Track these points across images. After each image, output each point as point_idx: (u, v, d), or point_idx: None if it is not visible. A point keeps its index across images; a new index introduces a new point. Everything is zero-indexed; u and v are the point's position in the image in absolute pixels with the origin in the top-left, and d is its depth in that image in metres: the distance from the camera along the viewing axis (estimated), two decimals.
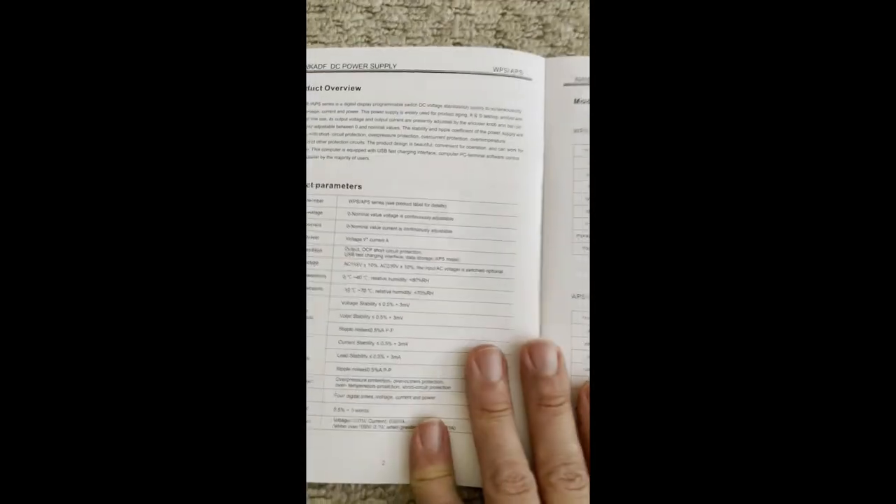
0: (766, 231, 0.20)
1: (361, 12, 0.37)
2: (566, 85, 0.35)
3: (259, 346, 0.21)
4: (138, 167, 0.21)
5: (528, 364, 0.31)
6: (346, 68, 0.35)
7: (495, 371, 0.31)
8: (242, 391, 0.21)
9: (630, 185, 0.22)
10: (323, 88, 0.35)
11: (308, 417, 0.32)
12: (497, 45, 0.36)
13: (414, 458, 0.31)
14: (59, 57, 0.21)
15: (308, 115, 0.34)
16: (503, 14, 0.37)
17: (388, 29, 0.36)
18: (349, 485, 0.32)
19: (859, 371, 0.19)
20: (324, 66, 0.35)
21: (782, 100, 0.21)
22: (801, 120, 0.21)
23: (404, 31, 0.36)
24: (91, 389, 0.20)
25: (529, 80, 0.35)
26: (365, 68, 0.35)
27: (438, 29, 0.36)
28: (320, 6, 0.37)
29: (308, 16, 0.36)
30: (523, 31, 0.36)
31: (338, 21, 0.37)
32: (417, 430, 0.31)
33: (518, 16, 0.37)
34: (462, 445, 0.32)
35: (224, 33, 0.22)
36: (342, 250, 0.33)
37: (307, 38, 0.36)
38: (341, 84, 0.35)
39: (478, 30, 0.36)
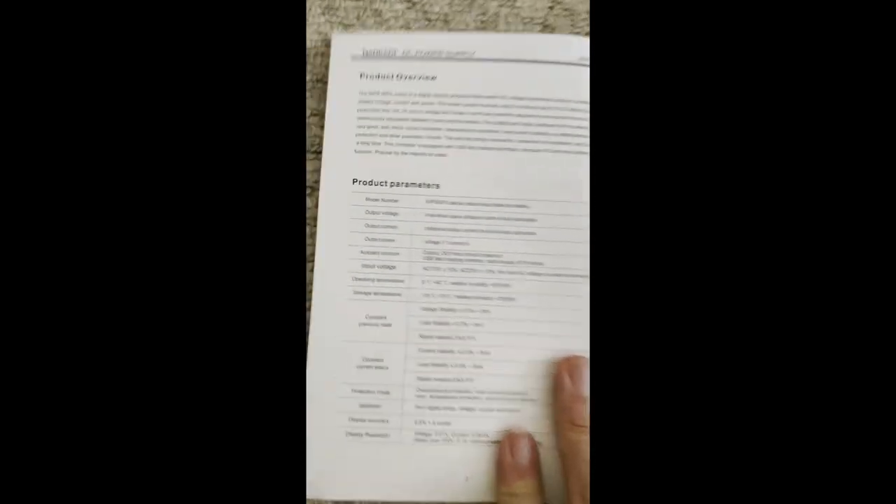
0: (770, 225, 0.20)
1: (401, 1, 0.34)
2: None
3: (256, 356, 0.20)
4: (137, 161, 0.20)
5: None
6: (419, 55, 0.32)
7: (588, 384, 0.29)
8: (238, 402, 0.20)
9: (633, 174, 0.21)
10: (395, 77, 0.32)
11: (387, 431, 0.30)
12: None
13: (502, 471, 0.30)
14: (62, 53, 0.20)
15: (380, 106, 0.32)
16: (551, 7, 0.34)
17: (429, 20, 0.34)
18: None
19: (859, 368, 0.19)
20: (394, 52, 0.32)
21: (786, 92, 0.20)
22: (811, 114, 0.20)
23: (446, 22, 0.34)
24: (93, 398, 0.19)
25: None
26: (440, 56, 0.32)
27: (482, 21, 0.34)
28: None
29: (345, 3, 0.34)
30: (572, 25, 0.34)
31: (376, 10, 0.34)
32: (506, 441, 0.30)
33: (567, 10, 0.34)
34: (546, 462, 0.30)
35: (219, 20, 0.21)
36: (420, 254, 0.31)
37: (343, 25, 0.34)
38: (415, 73, 0.32)
39: (524, 23, 0.34)
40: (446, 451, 0.30)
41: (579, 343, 0.31)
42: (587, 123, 0.32)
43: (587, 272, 0.31)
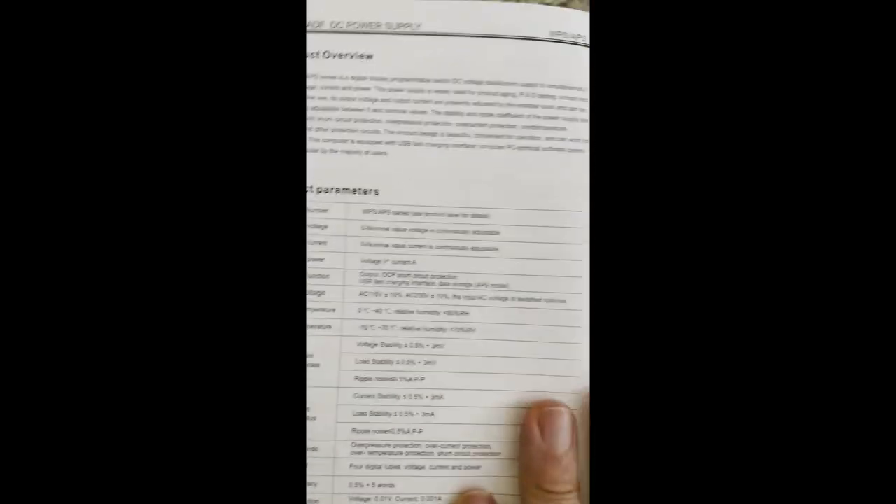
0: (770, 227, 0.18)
1: None
2: None
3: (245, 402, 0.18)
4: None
5: None
6: (352, 28, 0.26)
7: (563, 439, 0.24)
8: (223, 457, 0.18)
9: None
10: (321, 55, 0.26)
11: (315, 496, 0.25)
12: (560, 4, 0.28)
13: None
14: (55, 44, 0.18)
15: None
16: None
17: None
18: None
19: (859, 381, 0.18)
20: (321, 24, 0.26)
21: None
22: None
23: None
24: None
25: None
26: (378, 29, 0.26)
27: None
28: None
29: None
30: None
31: None
32: None
33: None
34: None
35: None
36: (356, 276, 0.25)
37: None
38: (347, 50, 0.26)
39: None
40: None
41: (555, 384, 0.25)
42: (558, 112, 0.26)
43: (563, 296, 0.25)
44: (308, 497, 0.25)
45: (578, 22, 0.26)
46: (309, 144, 0.26)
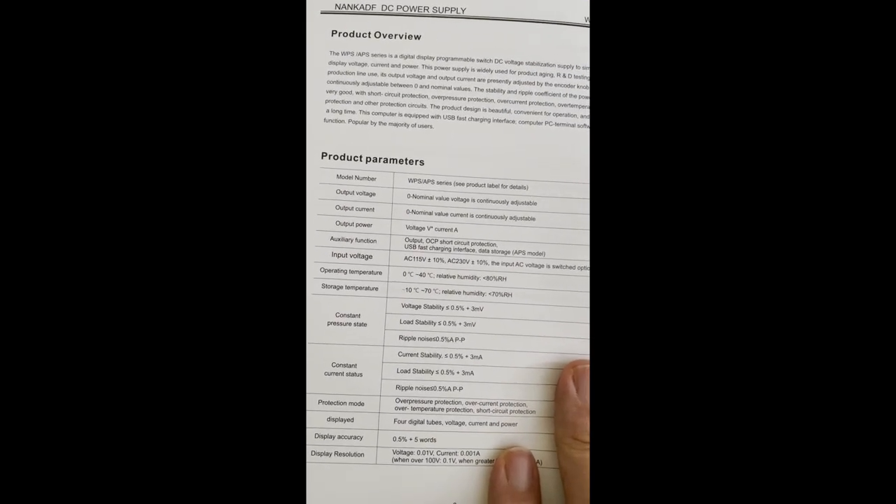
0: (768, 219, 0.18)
1: None
2: None
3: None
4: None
5: None
6: (401, 10, 0.28)
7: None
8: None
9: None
10: (373, 35, 0.28)
11: (361, 449, 0.26)
12: None
13: (496, 496, 0.25)
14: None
15: (354, 69, 0.27)
16: None
17: None
18: None
19: (859, 370, 0.18)
20: (372, 7, 0.28)
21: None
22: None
23: None
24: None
25: None
26: (426, 12, 0.28)
27: None
28: None
29: None
30: None
31: None
32: (503, 461, 0.26)
33: None
34: (547, 485, 0.26)
35: None
36: (401, 241, 0.27)
37: None
38: (396, 31, 0.28)
39: None
40: (431, 474, 0.26)
41: (586, 346, 0.27)
42: None
43: None
44: (354, 450, 0.26)
45: None
46: (359, 117, 0.27)
